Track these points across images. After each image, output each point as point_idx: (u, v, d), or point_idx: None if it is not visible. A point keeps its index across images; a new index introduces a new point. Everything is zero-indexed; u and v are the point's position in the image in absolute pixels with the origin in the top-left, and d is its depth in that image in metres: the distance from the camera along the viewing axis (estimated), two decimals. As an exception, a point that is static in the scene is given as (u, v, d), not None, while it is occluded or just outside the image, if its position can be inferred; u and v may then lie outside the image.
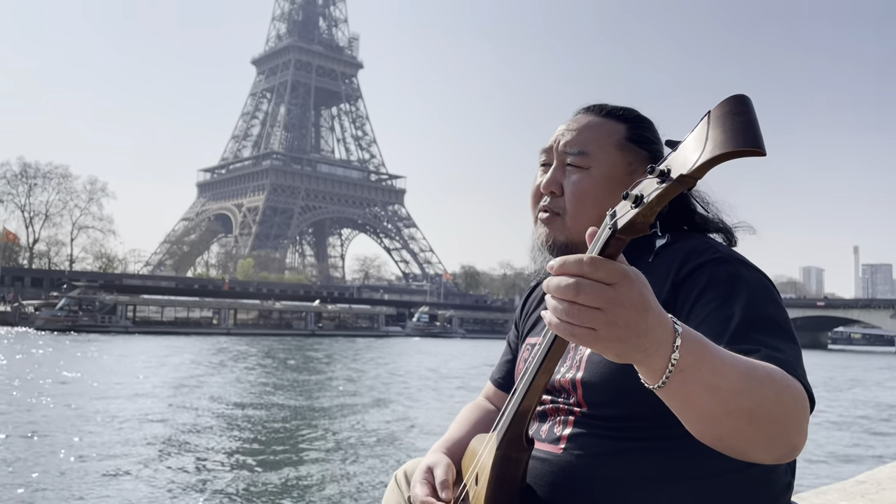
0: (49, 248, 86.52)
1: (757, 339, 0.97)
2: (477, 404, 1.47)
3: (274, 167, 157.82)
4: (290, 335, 57.49)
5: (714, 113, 0.65)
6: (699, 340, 0.80)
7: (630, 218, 0.70)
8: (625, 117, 1.29)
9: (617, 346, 0.74)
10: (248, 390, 19.19)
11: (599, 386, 1.10)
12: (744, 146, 0.61)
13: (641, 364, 0.79)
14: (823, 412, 18.96)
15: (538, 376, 0.92)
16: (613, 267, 0.73)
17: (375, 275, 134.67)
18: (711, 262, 1.08)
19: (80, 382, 19.10)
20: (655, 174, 0.68)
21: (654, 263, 1.13)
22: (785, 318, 1.04)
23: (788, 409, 0.87)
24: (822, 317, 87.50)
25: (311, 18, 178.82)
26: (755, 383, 0.83)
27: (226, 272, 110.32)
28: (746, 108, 0.64)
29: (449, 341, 62.39)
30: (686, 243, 1.15)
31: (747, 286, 1.05)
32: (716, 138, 0.63)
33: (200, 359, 30.21)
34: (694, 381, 0.79)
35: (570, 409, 1.14)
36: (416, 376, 25.62)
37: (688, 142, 0.67)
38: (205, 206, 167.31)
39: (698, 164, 0.64)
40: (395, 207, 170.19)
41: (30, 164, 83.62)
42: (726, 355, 0.84)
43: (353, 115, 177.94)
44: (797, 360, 0.96)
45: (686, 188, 0.67)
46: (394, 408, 16.65)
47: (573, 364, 1.16)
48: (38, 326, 48.67)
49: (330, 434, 12.87)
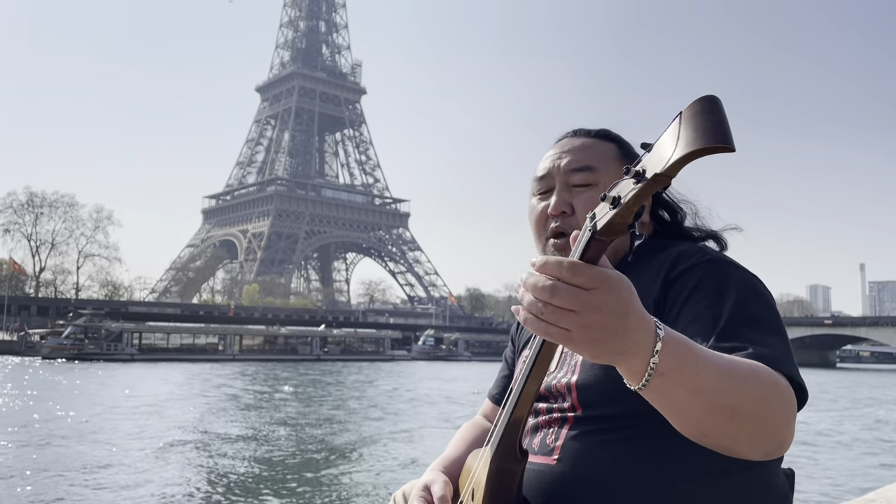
0: (55, 276, 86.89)
1: (745, 336, 0.99)
2: (475, 422, 1.46)
3: (278, 193, 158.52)
4: (296, 360, 57.32)
5: (685, 113, 0.67)
6: (681, 343, 0.81)
7: (609, 219, 0.72)
8: (611, 137, 1.32)
9: (591, 347, 0.76)
10: (249, 416, 19.11)
11: (594, 387, 1.11)
12: (714, 143, 0.63)
13: (620, 366, 0.80)
14: (837, 431, 18.77)
15: (528, 383, 0.93)
16: (592, 272, 0.73)
17: (381, 298, 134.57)
18: (702, 264, 1.11)
19: (80, 412, 19.05)
20: (631, 175, 0.70)
21: (647, 264, 1.17)
22: (773, 315, 1.06)
23: (773, 406, 0.88)
24: (830, 335, 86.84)
25: (315, 46, 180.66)
26: (738, 382, 0.85)
27: (231, 298, 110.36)
28: (716, 107, 0.66)
29: (455, 364, 62.14)
30: (678, 247, 1.19)
31: (736, 286, 1.07)
32: (687, 137, 0.65)
33: (204, 385, 30.13)
34: (675, 383, 0.81)
35: (564, 415, 1.15)
36: (421, 401, 25.49)
37: (661, 142, 0.69)
38: (210, 232, 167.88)
39: (671, 163, 0.65)
40: (399, 231, 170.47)
41: (36, 194, 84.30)
42: (709, 355, 0.85)
43: (357, 140, 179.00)
44: (785, 356, 0.97)
45: (661, 187, 0.68)
46: (396, 432, 16.56)
47: (568, 369, 1.17)
48: (45, 355, 48.64)
49: (331, 456, 12.81)
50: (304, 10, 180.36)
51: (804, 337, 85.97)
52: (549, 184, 1.30)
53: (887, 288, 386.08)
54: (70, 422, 16.52)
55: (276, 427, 16.91)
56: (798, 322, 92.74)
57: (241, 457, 12.61)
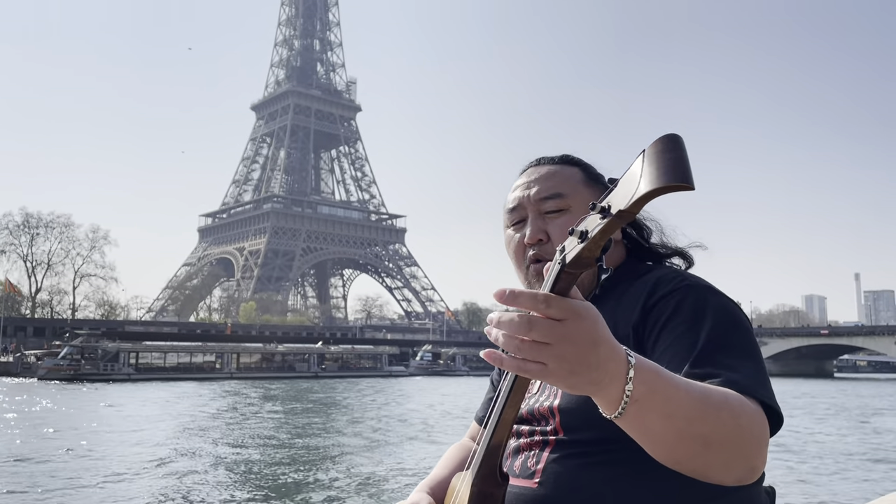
0: (51, 297, 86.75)
1: (720, 362, 1.00)
2: (461, 444, 1.49)
3: (275, 210, 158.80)
4: (293, 378, 57.25)
5: (648, 151, 0.70)
6: (653, 370, 0.83)
7: (577, 253, 0.74)
8: (574, 161, 1.36)
9: (568, 378, 0.77)
10: (246, 434, 19.19)
11: (576, 411, 1.12)
12: (673, 182, 0.66)
13: (596, 395, 0.82)
14: (835, 437, 18.90)
15: (506, 410, 0.94)
16: (565, 304, 0.75)
17: (378, 314, 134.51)
18: (680, 289, 1.13)
19: (79, 435, 19.12)
20: (597, 210, 0.72)
21: (626, 290, 1.20)
22: (748, 340, 1.07)
23: (745, 433, 0.89)
24: (826, 345, 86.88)
25: (310, 64, 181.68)
26: (710, 409, 0.86)
27: (228, 316, 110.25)
28: (677, 146, 0.69)
29: (453, 379, 62.08)
30: (656, 272, 1.21)
31: (713, 311, 1.08)
32: (649, 175, 0.68)
33: (198, 404, 30.16)
34: (649, 410, 0.82)
35: (546, 438, 1.16)
36: (416, 417, 25.56)
37: (625, 179, 0.71)
38: (206, 250, 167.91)
39: (634, 200, 0.68)
40: (395, 246, 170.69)
41: (32, 214, 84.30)
42: (681, 383, 0.86)
43: (353, 157, 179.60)
44: (758, 382, 0.98)
45: (625, 222, 0.71)
46: (390, 450, 16.66)
47: (551, 392, 1.19)
48: (41, 376, 48.54)
49: (323, 476, 12.93)
50: (299, 29, 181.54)
51: (801, 347, 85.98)
52: (521, 214, 1.32)
53: (882, 297, 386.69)
54: (50, 443, 16.60)
55: (269, 445, 17.01)
56: (794, 332, 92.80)
57: (231, 477, 12.73)
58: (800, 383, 58.72)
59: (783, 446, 16.76)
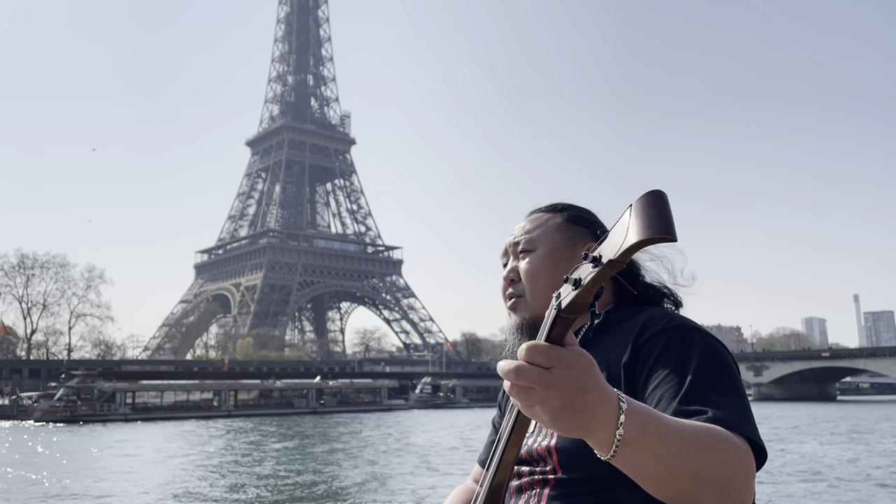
0: (47, 337, 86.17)
1: (706, 399, 1.06)
2: (465, 487, 1.54)
3: (271, 245, 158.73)
4: (292, 414, 56.66)
5: (634, 206, 0.77)
6: (644, 413, 0.88)
7: (571, 299, 0.80)
8: (562, 207, 1.49)
9: (555, 423, 0.83)
10: (245, 474, 18.85)
11: (572, 450, 1.17)
12: (658, 234, 0.74)
13: (588, 439, 0.87)
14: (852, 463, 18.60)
15: (507, 450, 0.98)
16: (551, 352, 0.81)
17: (376, 347, 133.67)
18: (668, 330, 1.21)
19: (72, 481, 18.77)
20: (589, 260, 0.79)
21: (617, 331, 1.28)
22: (732, 377, 1.14)
23: (732, 469, 0.95)
24: (828, 368, 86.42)
25: (303, 99, 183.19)
26: (699, 447, 0.92)
27: (225, 353, 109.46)
28: (661, 201, 0.77)
29: (454, 412, 61.50)
30: (645, 314, 1.28)
31: (699, 350, 1.16)
32: (636, 227, 0.75)
33: (199, 443, 29.70)
34: (641, 452, 0.87)
35: (546, 478, 1.21)
36: (417, 451, 25.19)
37: (615, 230, 0.78)
38: (203, 287, 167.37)
39: (622, 251, 0.75)
40: (393, 278, 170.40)
41: (27, 255, 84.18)
42: (671, 423, 0.92)
43: (348, 190, 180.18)
44: (743, 417, 1.04)
45: (615, 271, 0.77)
46: (392, 485, 16.35)
47: (548, 432, 1.24)
48: (37, 418, 47.95)
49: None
50: (293, 65, 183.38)
51: (802, 371, 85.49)
52: (506, 258, 1.49)
53: (882, 318, 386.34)
54: (36, 487, 16.24)
55: (268, 484, 16.68)
56: (796, 356, 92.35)
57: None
58: (804, 406, 58.23)
59: (819, 473, 16.45)
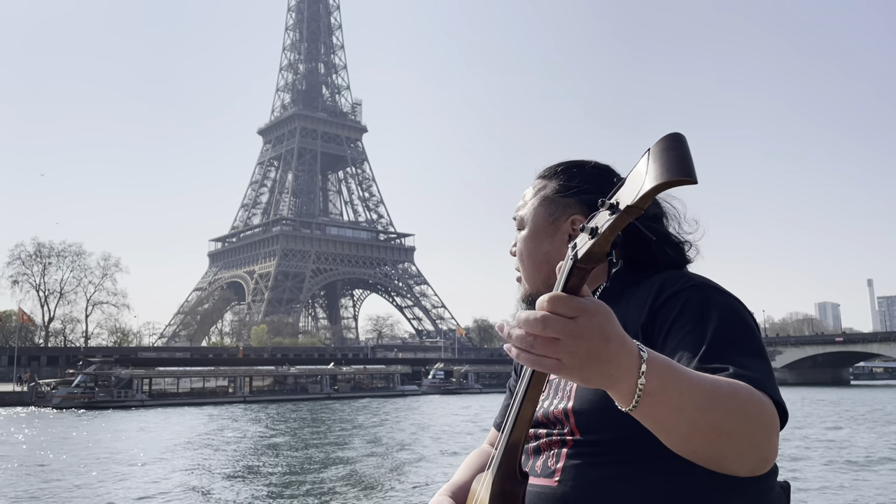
0: (64, 325, 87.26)
1: (726, 358, 1.04)
2: (481, 450, 1.52)
3: (284, 233, 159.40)
4: (306, 399, 57.21)
5: (653, 150, 0.75)
6: (665, 364, 0.87)
7: (588, 248, 0.78)
8: (554, 173, 1.43)
9: (581, 373, 0.81)
10: (263, 458, 19.18)
11: (590, 412, 1.15)
12: (678, 176, 0.71)
13: (610, 389, 0.86)
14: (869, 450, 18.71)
15: (524, 406, 0.96)
16: (574, 302, 0.79)
17: (389, 334, 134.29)
18: (686, 290, 1.17)
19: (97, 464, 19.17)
20: (606, 207, 0.77)
21: (634, 294, 1.24)
22: (753, 337, 1.11)
23: (755, 423, 0.93)
24: (842, 352, 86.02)
25: (315, 87, 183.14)
26: (720, 400, 0.90)
27: (240, 340, 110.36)
28: (680, 143, 0.74)
29: (466, 397, 61.90)
30: (662, 275, 1.25)
31: (718, 310, 1.12)
32: (654, 171, 0.73)
33: (216, 429, 30.16)
34: (662, 403, 0.86)
35: (564, 439, 1.19)
36: (434, 434, 25.47)
37: (632, 176, 0.76)
38: (217, 275, 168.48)
39: (641, 196, 0.73)
40: (405, 265, 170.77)
41: (44, 244, 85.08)
42: (692, 375, 0.90)
43: (360, 178, 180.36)
44: (765, 376, 1.02)
45: (633, 217, 0.75)
46: (406, 470, 16.62)
47: (564, 395, 1.22)
48: (55, 405, 48.68)
49: (342, 494, 12.90)
50: (304, 53, 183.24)
51: (816, 356, 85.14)
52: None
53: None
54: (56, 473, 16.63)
55: (282, 470, 16.99)
56: (809, 341, 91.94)
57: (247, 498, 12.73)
58: (816, 391, 58.13)
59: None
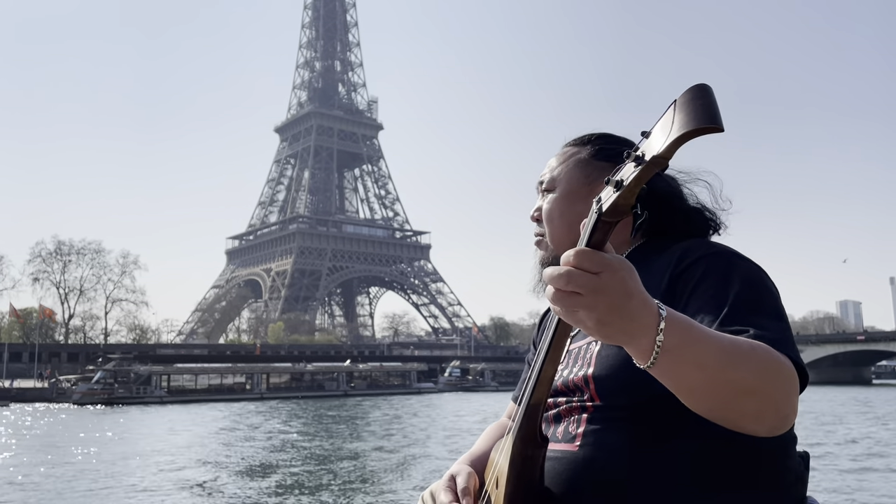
0: (84, 322, 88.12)
1: (747, 319, 1.04)
2: (500, 422, 1.53)
3: (300, 230, 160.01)
4: (323, 397, 57.37)
5: (679, 101, 0.75)
6: (684, 322, 0.88)
7: (613, 201, 0.78)
8: (589, 140, 1.41)
9: (602, 328, 0.82)
10: (282, 454, 19.18)
11: (610, 378, 1.15)
12: (704, 124, 0.71)
13: (629, 346, 0.87)
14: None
15: (545, 366, 0.96)
16: (598, 258, 0.80)
17: (405, 331, 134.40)
18: (707, 256, 1.17)
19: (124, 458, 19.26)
20: (631, 159, 0.77)
21: (655, 261, 1.24)
22: (774, 300, 1.12)
23: (773, 382, 0.93)
24: (863, 351, 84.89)
25: (331, 85, 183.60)
26: (739, 358, 0.90)
27: (257, 337, 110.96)
28: (706, 93, 0.74)
29: (482, 395, 61.80)
30: (682, 244, 1.24)
31: (740, 275, 1.13)
32: (680, 121, 0.72)
33: (234, 425, 30.26)
34: (681, 360, 0.87)
35: (584, 405, 1.19)
36: (452, 430, 25.38)
37: (657, 127, 0.76)
38: (234, 272, 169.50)
39: (667, 145, 0.72)
40: (421, 263, 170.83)
41: (64, 242, 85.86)
42: (711, 334, 0.91)
43: (376, 175, 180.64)
44: (785, 337, 1.02)
45: (659, 168, 0.75)
46: (422, 466, 16.53)
47: (584, 362, 1.21)
48: (75, 401, 49.18)
49: (361, 483, 12.83)
50: (320, 51, 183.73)
51: (837, 354, 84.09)
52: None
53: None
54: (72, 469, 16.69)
55: (305, 465, 16.95)
56: (830, 339, 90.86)
57: (266, 492, 12.68)
58: (837, 390, 57.41)
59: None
